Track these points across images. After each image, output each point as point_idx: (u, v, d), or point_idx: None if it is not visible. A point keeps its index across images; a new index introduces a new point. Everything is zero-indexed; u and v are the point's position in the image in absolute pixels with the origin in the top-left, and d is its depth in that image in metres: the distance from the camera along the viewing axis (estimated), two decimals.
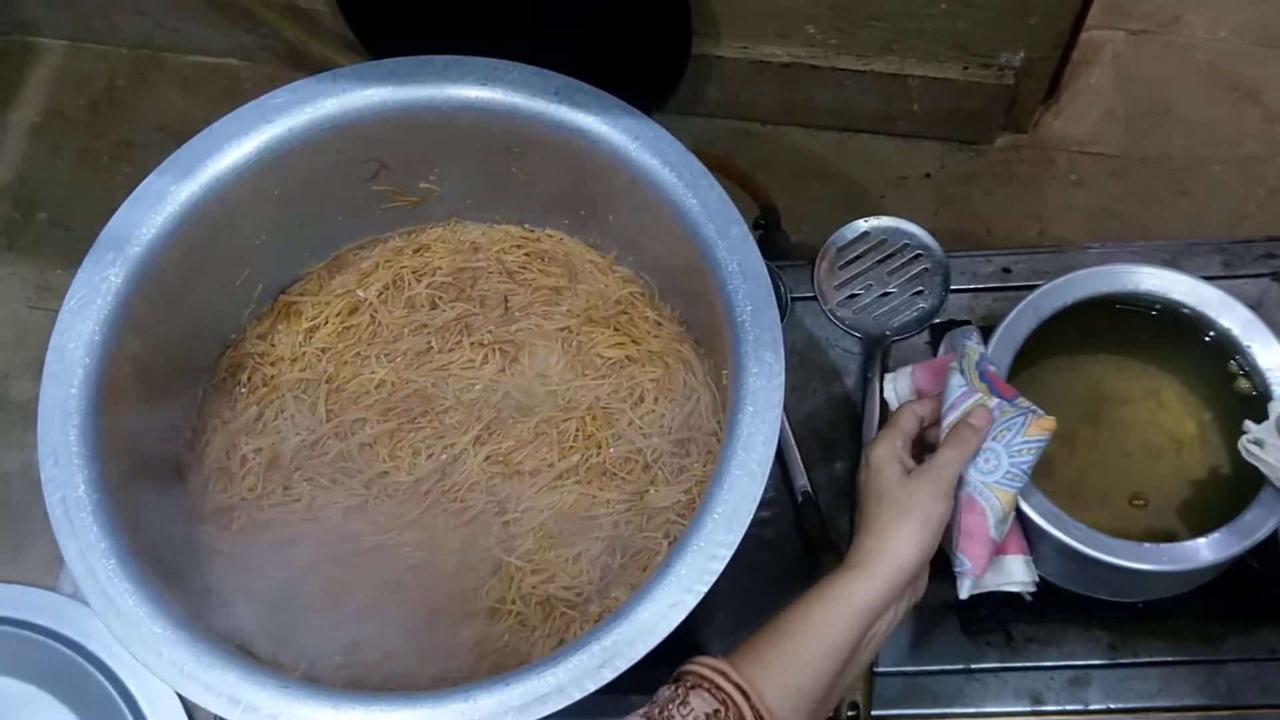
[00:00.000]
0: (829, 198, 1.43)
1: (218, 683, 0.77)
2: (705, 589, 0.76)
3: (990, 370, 0.87)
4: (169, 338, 0.94)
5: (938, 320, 1.06)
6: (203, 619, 0.82)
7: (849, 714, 0.93)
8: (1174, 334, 0.93)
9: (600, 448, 0.95)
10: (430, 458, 0.95)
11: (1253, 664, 0.95)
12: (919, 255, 1.07)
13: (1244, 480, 0.86)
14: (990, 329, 0.93)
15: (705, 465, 0.93)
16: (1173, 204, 1.43)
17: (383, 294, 1.02)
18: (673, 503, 0.93)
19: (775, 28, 1.35)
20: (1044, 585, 0.89)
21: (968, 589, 0.83)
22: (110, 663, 1.08)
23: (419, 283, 1.02)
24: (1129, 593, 0.93)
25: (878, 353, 1.04)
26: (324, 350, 1.00)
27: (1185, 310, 0.92)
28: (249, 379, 0.99)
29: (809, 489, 1.01)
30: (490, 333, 0.99)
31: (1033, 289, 1.10)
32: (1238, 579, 0.98)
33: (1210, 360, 0.92)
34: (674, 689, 0.73)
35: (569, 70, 0.94)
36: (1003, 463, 0.82)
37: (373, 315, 1.01)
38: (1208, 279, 1.06)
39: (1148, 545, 0.85)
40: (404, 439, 0.96)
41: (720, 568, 0.77)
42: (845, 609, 0.77)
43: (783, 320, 0.87)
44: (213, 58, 1.62)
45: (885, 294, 1.06)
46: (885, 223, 1.08)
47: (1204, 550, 0.84)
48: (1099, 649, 0.95)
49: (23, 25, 1.65)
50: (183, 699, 1.05)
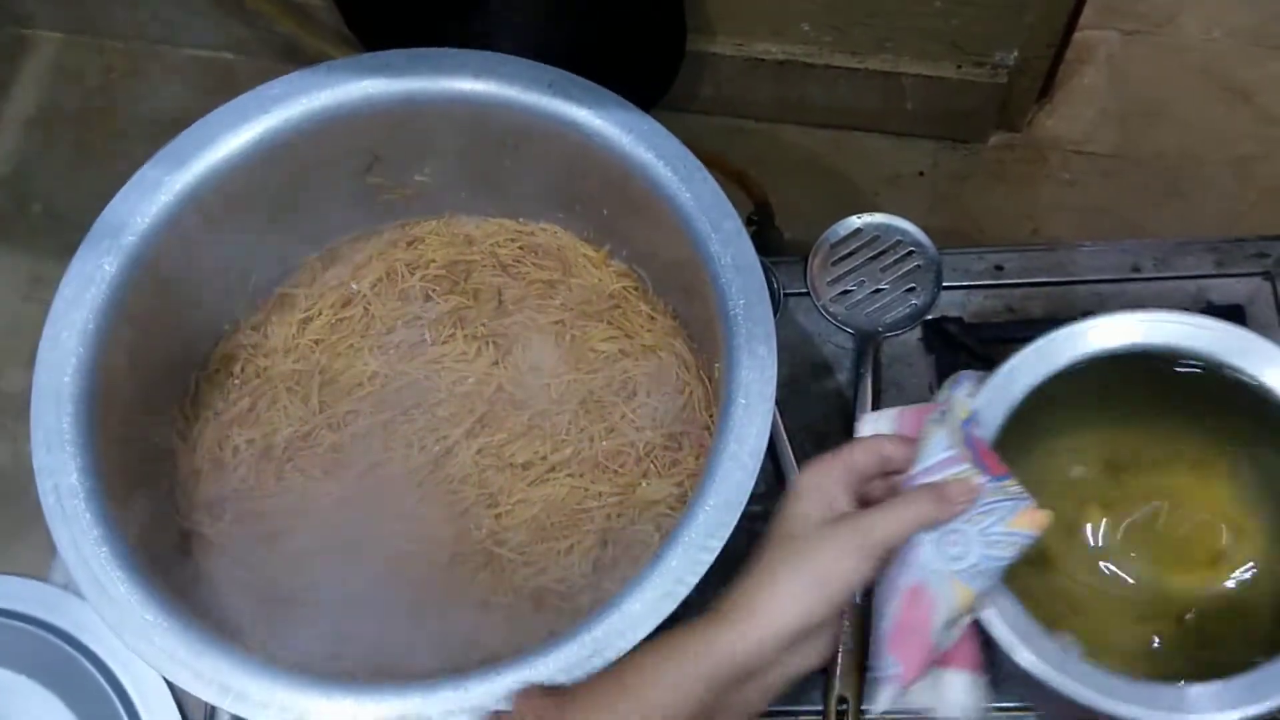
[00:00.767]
0: (822, 195, 1.44)
1: (208, 670, 0.77)
2: (696, 580, 0.76)
3: (977, 436, 0.70)
4: (163, 327, 0.94)
5: (930, 317, 1.06)
6: (194, 608, 0.82)
7: (839, 708, 0.93)
8: (1231, 399, 0.73)
9: (593, 441, 0.95)
10: (423, 450, 0.95)
11: None
12: (912, 252, 1.07)
13: None
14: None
15: (697, 459, 0.94)
16: (1166, 204, 1.43)
17: (376, 286, 1.01)
18: (664, 496, 0.93)
19: (770, 25, 1.36)
20: None
21: (887, 700, 0.67)
22: (102, 654, 1.08)
23: (412, 275, 1.02)
24: None
25: (870, 348, 1.05)
26: (317, 342, 1.00)
27: (1243, 378, 0.72)
28: (242, 370, 0.99)
29: None
30: (484, 326, 1.00)
31: (1025, 287, 1.11)
32: None
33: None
34: None
35: (563, 66, 0.94)
36: (972, 552, 0.65)
37: (366, 308, 1.01)
38: (1201, 277, 1.08)
39: (1158, 687, 0.64)
40: (397, 431, 0.96)
41: (711, 559, 0.77)
42: (696, 668, 0.65)
43: (775, 315, 0.87)
44: (207, 51, 1.62)
45: (878, 290, 1.07)
46: (878, 219, 1.09)
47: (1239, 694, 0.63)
48: None
49: (18, 17, 1.65)
50: (173, 689, 1.05)
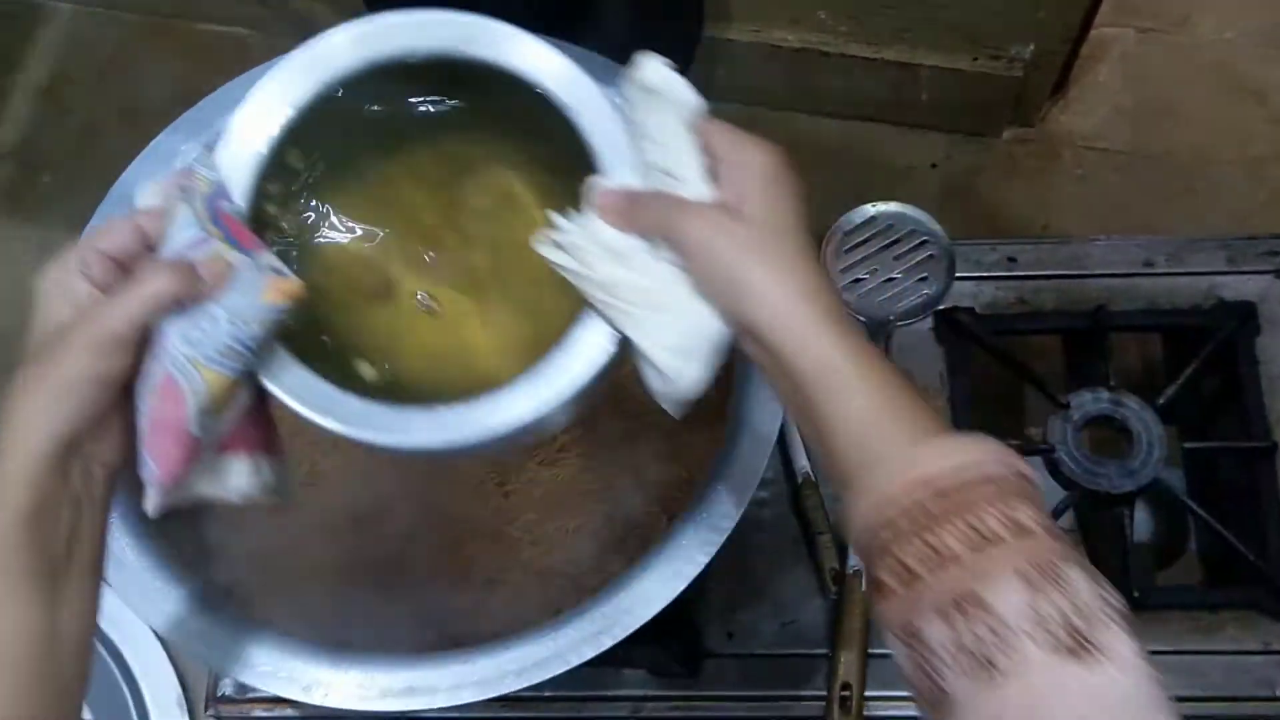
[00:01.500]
0: (834, 185, 1.43)
1: (216, 637, 0.77)
2: (707, 560, 0.76)
3: (225, 211, 0.62)
4: None
5: (941, 307, 1.06)
6: (201, 577, 0.82)
7: (841, 694, 0.94)
8: (484, 88, 0.68)
9: (601, 423, 0.95)
10: None
11: (1245, 656, 0.95)
12: (925, 242, 1.07)
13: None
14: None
15: (707, 441, 0.93)
16: (1177, 201, 1.43)
17: None
18: (672, 478, 0.93)
19: (787, 12, 1.35)
20: None
21: (154, 504, 0.62)
22: (102, 624, 1.08)
23: None
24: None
25: (881, 337, 1.05)
26: None
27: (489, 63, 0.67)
28: None
29: (809, 470, 1.02)
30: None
31: (1037, 279, 1.11)
32: (1233, 571, 0.99)
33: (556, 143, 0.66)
34: None
35: (580, 46, 0.93)
36: (219, 333, 0.58)
37: None
38: (1213, 274, 1.08)
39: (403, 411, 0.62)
40: None
41: (721, 539, 0.77)
42: None
43: None
44: (221, 26, 1.61)
45: (890, 279, 1.07)
46: (892, 208, 1.09)
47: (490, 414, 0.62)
48: None
49: None
50: (173, 659, 1.05)
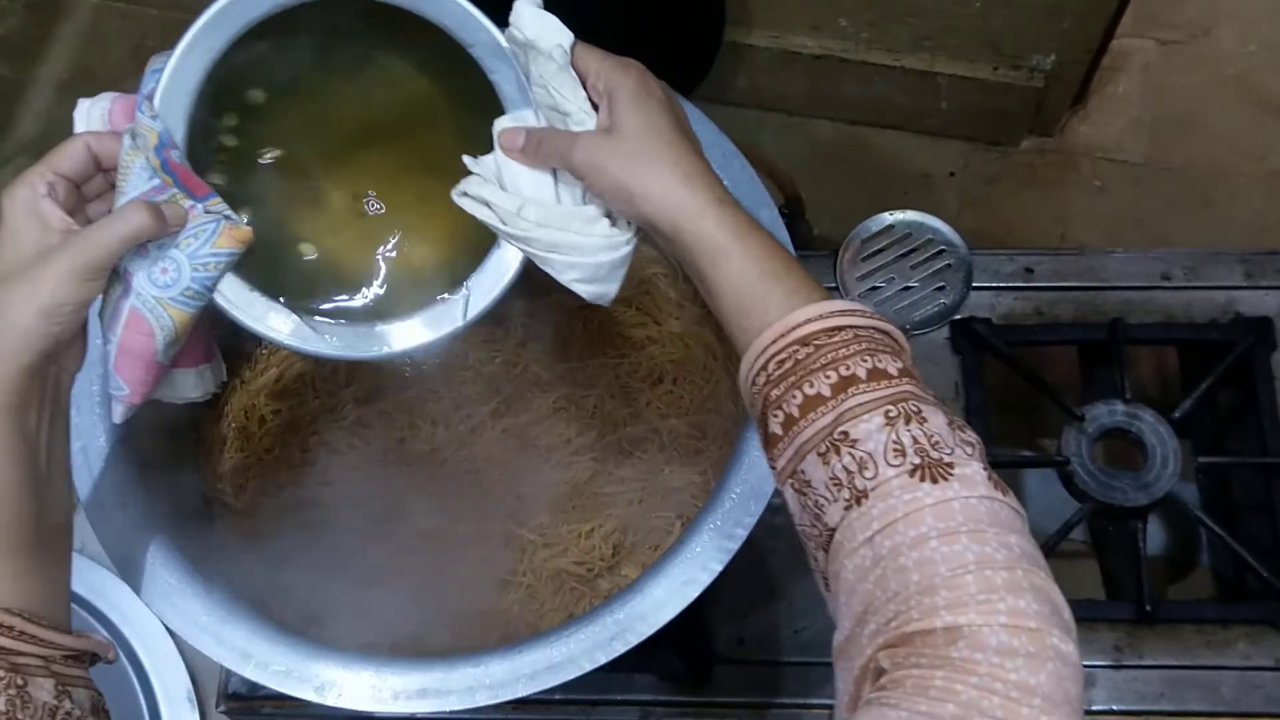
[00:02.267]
0: (852, 191, 1.43)
1: (230, 636, 0.77)
2: (720, 568, 0.76)
3: (174, 160, 0.67)
4: None
5: (958, 316, 1.06)
6: (216, 575, 0.83)
7: None
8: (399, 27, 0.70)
9: (617, 426, 0.95)
10: (448, 428, 0.95)
11: (1257, 673, 0.95)
12: (942, 251, 1.07)
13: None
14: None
15: (721, 448, 0.93)
16: (1195, 214, 1.43)
17: None
18: (687, 483, 0.93)
19: (808, 19, 1.35)
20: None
21: (121, 414, 0.71)
22: (115, 620, 1.08)
23: None
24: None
25: None
26: None
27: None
28: None
29: None
30: (514, 306, 1.00)
31: (1055, 290, 1.10)
32: (1245, 586, 0.99)
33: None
34: None
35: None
36: (183, 276, 0.67)
37: None
38: (1230, 288, 1.07)
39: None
40: (423, 408, 0.96)
41: (736, 547, 0.76)
42: None
43: None
44: None
45: (907, 288, 1.06)
46: (911, 217, 1.08)
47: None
48: (1105, 650, 0.96)
49: None
50: (184, 656, 1.05)
